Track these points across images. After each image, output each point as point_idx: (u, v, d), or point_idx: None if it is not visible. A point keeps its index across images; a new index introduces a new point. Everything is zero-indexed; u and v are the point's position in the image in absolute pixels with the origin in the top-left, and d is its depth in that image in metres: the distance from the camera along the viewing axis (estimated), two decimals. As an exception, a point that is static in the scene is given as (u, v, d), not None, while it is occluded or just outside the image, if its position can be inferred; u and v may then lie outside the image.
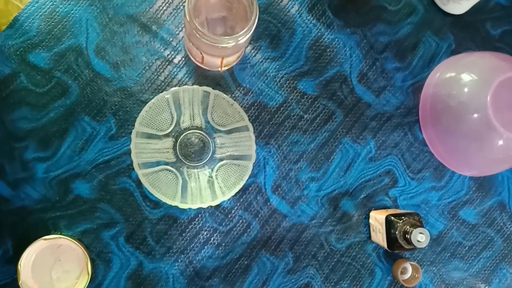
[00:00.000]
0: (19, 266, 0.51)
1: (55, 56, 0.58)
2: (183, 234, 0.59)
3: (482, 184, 0.66)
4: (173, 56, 0.60)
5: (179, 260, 0.59)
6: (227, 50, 0.53)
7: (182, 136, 0.59)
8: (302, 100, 0.63)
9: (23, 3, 0.57)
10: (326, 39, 0.63)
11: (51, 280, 0.54)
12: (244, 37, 0.50)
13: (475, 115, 0.57)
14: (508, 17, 0.68)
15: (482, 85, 0.57)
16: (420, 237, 0.54)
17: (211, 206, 0.59)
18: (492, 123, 0.55)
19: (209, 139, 0.60)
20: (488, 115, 0.55)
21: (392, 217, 0.58)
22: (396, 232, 0.56)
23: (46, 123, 0.57)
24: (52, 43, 0.58)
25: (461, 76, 0.61)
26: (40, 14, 0.58)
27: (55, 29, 0.58)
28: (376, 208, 0.63)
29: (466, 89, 0.60)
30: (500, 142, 0.57)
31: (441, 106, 0.62)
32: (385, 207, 0.64)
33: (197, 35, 0.50)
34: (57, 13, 0.58)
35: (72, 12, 0.58)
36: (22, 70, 0.57)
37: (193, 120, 0.59)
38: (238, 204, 0.61)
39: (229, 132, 0.58)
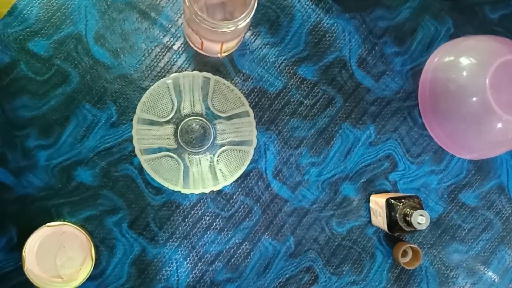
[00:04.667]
0: (23, 253, 0.52)
1: (55, 44, 0.58)
2: (186, 220, 0.60)
3: (481, 167, 0.67)
4: (172, 43, 0.60)
5: (182, 245, 0.60)
6: (227, 35, 0.53)
7: (182, 123, 0.59)
8: (302, 85, 0.63)
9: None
10: (325, 24, 0.63)
11: (55, 267, 0.54)
12: (243, 21, 0.50)
13: (474, 99, 0.58)
14: (506, 1, 0.68)
15: (481, 69, 0.57)
16: (420, 219, 0.54)
17: (212, 192, 0.60)
18: (491, 106, 0.56)
19: (209, 125, 0.60)
20: (487, 98, 0.56)
21: (393, 200, 0.58)
22: (397, 215, 0.57)
23: (47, 111, 0.57)
24: (51, 31, 0.58)
25: (460, 60, 0.61)
26: (38, 1, 0.58)
27: (54, 17, 0.58)
28: (376, 192, 0.64)
29: (465, 73, 0.60)
30: (499, 125, 0.57)
31: (440, 90, 0.62)
32: (385, 191, 0.64)
33: (197, 20, 0.50)
34: (56, 1, 0.58)
35: (70, -1, 0.58)
36: (22, 58, 0.57)
37: (194, 107, 0.59)
38: (239, 190, 0.61)
39: (229, 118, 0.59)
